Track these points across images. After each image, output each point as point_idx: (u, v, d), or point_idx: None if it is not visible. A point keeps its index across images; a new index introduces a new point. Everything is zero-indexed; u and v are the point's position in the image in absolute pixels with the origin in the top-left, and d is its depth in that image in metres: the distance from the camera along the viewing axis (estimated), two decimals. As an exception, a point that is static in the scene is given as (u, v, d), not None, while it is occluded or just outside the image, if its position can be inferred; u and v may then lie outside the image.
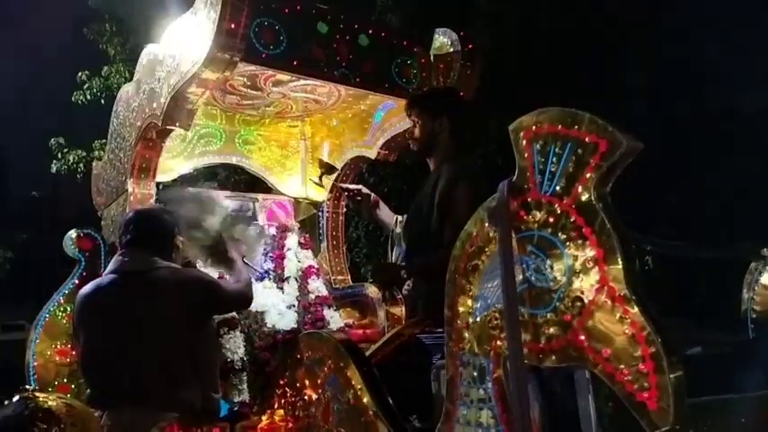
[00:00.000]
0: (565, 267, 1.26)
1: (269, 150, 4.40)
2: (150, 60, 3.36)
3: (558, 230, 1.28)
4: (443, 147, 2.81)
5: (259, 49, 2.95)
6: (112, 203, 3.72)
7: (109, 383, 2.43)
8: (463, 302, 1.49)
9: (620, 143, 1.19)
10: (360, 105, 3.87)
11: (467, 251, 1.48)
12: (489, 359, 1.42)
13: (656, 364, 1.12)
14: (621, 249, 1.18)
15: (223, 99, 3.79)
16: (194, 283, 2.62)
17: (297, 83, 3.51)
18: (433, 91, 3.15)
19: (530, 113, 1.35)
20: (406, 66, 3.41)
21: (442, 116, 2.80)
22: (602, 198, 1.23)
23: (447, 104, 2.88)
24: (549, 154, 1.29)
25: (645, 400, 1.13)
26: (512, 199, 1.35)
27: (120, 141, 3.69)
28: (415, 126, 2.89)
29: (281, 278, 3.81)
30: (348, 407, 1.88)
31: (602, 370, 1.20)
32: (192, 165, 4.14)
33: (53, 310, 3.43)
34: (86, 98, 10.62)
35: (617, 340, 1.18)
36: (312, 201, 4.32)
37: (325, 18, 3.18)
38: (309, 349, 2.13)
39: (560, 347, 1.26)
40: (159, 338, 2.43)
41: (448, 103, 2.91)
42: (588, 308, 1.22)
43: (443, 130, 2.80)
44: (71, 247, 3.51)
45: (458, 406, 1.51)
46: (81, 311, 2.61)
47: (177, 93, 3.02)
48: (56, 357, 3.36)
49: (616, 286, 1.18)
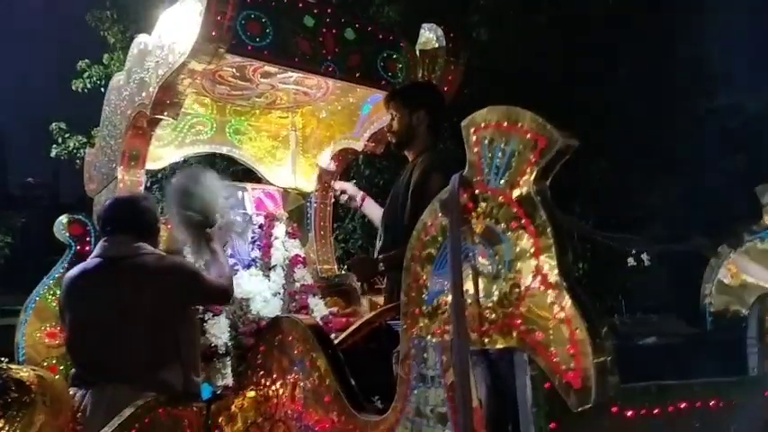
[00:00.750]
0: (506, 256, 1.34)
1: (259, 140, 4.47)
2: (140, 50, 3.43)
3: (500, 221, 1.36)
4: (421, 139, 2.88)
5: (245, 41, 3.02)
6: (103, 190, 3.80)
7: (93, 363, 2.52)
8: (417, 289, 1.57)
9: (557, 140, 1.27)
10: (348, 98, 3.94)
11: (422, 240, 1.56)
12: (439, 342, 1.51)
13: (581, 348, 1.20)
14: (555, 240, 1.26)
15: (213, 89, 3.86)
16: (178, 271, 2.70)
17: (285, 75, 3.58)
18: (411, 85, 3.21)
19: (479, 111, 1.43)
20: (392, 60, 3.48)
21: (420, 109, 2.86)
22: (540, 191, 1.31)
23: (425, 98, 2.94)
24: (495, 149, 1.37)
25: (570, 379, 1.21)
26: (462, 191, 1.42)
27: (112, 129, 3.77)
28: (393, 119, 2.96)
29: (267, 266, 3.89)
30: (312, 388, 1.96)
31: (536, 352, 1.28)
32: (183, 153, 4.22)
33: (43, 294, 3.51)
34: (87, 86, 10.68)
35: (549, 325, 1.26)
36: (301, 191, 4.40)
37: (311, 11, 3.25)
38: (281, 333, 2.21)
39: (500, 331, 1.34)
40: (142, 322, 2.52)
41: (426, 96, 2.97)
42: (524, 294, 1.30)
43: (421, 123, 2.87)
44: (62, 231, 3.58)
45: (410, 386, 1.59)
46: (67, 294, 2.70)
47: (165, 82, 3.09)
48: (45, 339, 3.44)
49: (549, 274, 1.26)
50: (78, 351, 2.62)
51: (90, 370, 2.53)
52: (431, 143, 2.88)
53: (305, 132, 4.42)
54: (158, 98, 3.16)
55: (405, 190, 2.77)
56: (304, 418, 1.96)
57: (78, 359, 2.63)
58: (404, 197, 2.75)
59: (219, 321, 3.36)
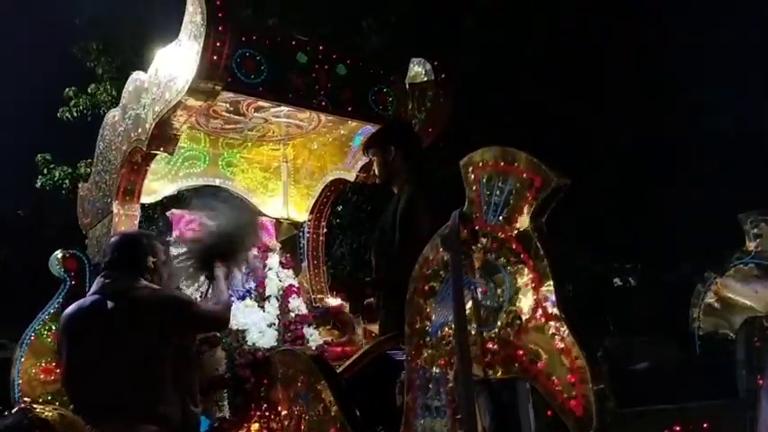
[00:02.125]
0: (506, 289, 1.41)
1: (251, 172, 4.53)
2: (136, 87, 3.50)
3: (500, 256, 1.43)
4: (399, 173, 3.00)
5: (241, 79, 3.11)
6: (97, 224, 3.83)
7: (90, 399, 2.53)
8: (421, 321, 1.63)
9: (551, 180, 1.35)
10: (339, 130, 4.03)
11: (424, 274, 1.63)
12: (443, 373, 1.56)
13: (581, 376, 1.26)
14: (553, 274, 1.33)
15: (207, 123, 3.93)
16: (171, 302, 2.72)
17: (278, 109, 3.66)
18: (378, 129, 3.33)
19: (477, 151, 1.51)
20: (383, 94, 3.58)
21: (389, 146, 2.99)
22: (537, 228, 1.38)
23: (392, 135, 3.08)
24: (494, 188, 1.45)
25: (572, 407, 1.27)
26: (462, 227, 1.50)
27: (106, 164, 3.81)
28: (373, 164, 3.09)
29: (262, 297, 3.92)
30: (318, 419, 2.00)
31: (538, 381, 1.34)
32: (176, 187, 4.26)
33: (38, 329, 3.52)
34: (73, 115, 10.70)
35: (549, 354, 1.32)
36: (293, 221, 4.46)
37: (304, 49, 3.35)
38: (284, 366, 2.25)
39: (503, 361, 1.41)
40: (139, 355, 2.53)
41: (393, 133, 3.11)
42: (525, 325, 1.37)
43: (395, 158, 3.00)
44: (57, 267, 3.61)
45: (416, 415, 1.64)
46: (64, 331, 2.71)
47: (162, 119, 3.16)
48: (40, 375, 3.45)
49: (548, 306, 1.33)
50: (76, 388, 2.62)
51: (89, 408, 2.54)
52: (410, 173, 2.99)
53: (296, 164, 4.49)
54: (155, 134, 3.22)
55: (392, 220, 2.86)
56: (309, 450, 2.00)
57: (77, 397, 2.63)
58: (391, 227, 2.84)
59: (216, 353, 3.38)
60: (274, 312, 3.88)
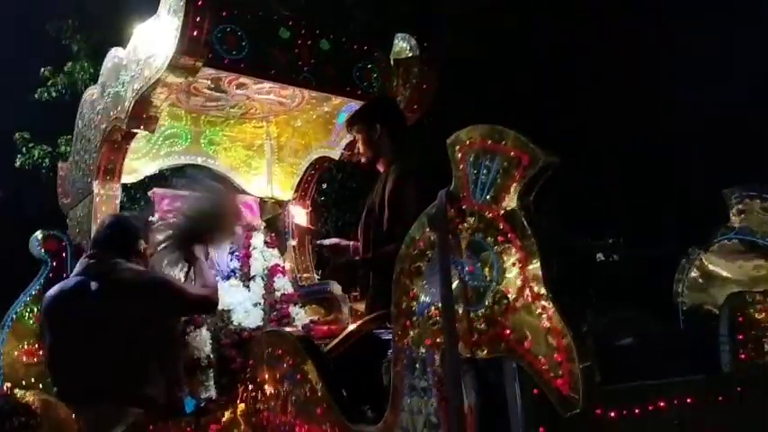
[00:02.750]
0: (493, 269, 1.40)
1: (234, 150, 4.47)
2: (115, 64, 3.42)
3: (487, 235, 1.42)
4: (386, 151, 2.96)
5: (221, 55, 3.05)
6: (78, 204, 3.77)
7: (74, 382, 2.51)
8: (407, 301, 1.62)
9: (539, 158, 1.33)
10: (323, 107, 3.97)
11: (410, 254, 1.61)
12: (430, 352, 1.56)
13: (567, 354, 1.26)
14: (540, 252, 1.32)
15: (187, 101, 3.86)
16: (156, 285, 2.70)
17: (260, 85, 3.60)
18: (363, 106, 3.28)
19: (464, 129, 1.49)
20: (367, 70, 3.53)
21: (375, 124, 2.95)
22: (524, 206, 1.37)
23: (378, 113, 3.03)
24: (481, 166, 1.43)
25: (559, 386, 1.27)
26: (449, 207, 1.48)
27: (86, 143, 3.74)
28: (357, 141, 3.04)
29: (247, 277, 3.90)
30: (305, 399, 2.00)
31: (524, 360, 1.34)
32: (158, 165, 4.20)
33: (20, 311, 3.47)
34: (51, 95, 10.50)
35: (536, 333, 1.32)
36: (278, 200, 4.42)
37: (286, 24, 3.28)
38: (269, 346, 2.24)
39: (490, 340, 1.40)
40: (122, 337, 2.51)
41: (378, 111, 3.06)
42: (512, 305, 1.36)
43: (381, 136, 2.95)
44: (37, 248, 3.55)
45: (403, 395, 1.64)
46: (47, 313, 2.68)
47: (141, 97, 3.09)
48: (23, 358, 3.40)
49: (535, 285, 1.32)
50: (60, 371, 2.60)
51: (73, 390, 2.52)
52: (397, 152, 2.95)
53: (280, 141, 4.43)
54: (134, 112, 3.16)
55: (380, 200, 2.83)
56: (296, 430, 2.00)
57: (60, 379, 2.61)
58: (379, 206, 2.81)
59: (201, 334, 3.36)
60: (259, 292, 3.86)
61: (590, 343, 1.30)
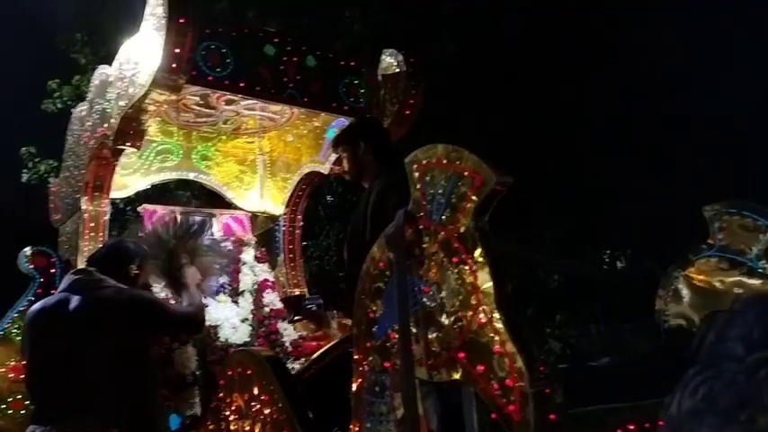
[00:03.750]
0: (448, 291, 1.38)
1: (227, 166, 4.48)
2: (102, 81, 3.44)
3: (443, 256, 1.39)
4: (370, 168, 2.96)
5: (206, 72, 3.05)
6: (68, 221, 3.77)
7: (53, 399, 2.48)
8: (367, 323, 1.60)
9: (491, 178, 1.31)
10: (313, 122, 3.97)
11: (371, 273, 1.59)
12: (388, 375, 1.53)
13: (518, 380, 1.23)
14: (493, 275, 1.30)
15: (177, 117, 3.87)
16: (136, 303, 2.68)
17: (249, 101, 3.61)
18: (347, 125, 3.29)
19: (421, 148, 1.47)
20: (354, 85, 3.53)
21: (359, 142, 2.96)
22: (479, 227, 1.34)
23: (361, 131, 3.03)
24: (437, 186, 1.41)
25: (510, 412, 1.24)
26: (407, 226, 1.46)
27: (75, 159, 3.76)
28: (343, 160, 3.05)
29: (236, 292, 3.89)
30: (271, 420, 1.97)
31: (478, 385, 1.31)
32: (149, 181, 4.21)
33: (7, 328, 3.47)
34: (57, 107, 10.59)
35: (489, 357, 1.29)
36: (269, 215, 4.41)
37: (271, 40, 3.29)
38: (240, 366, 2.22)
39: (446, 365, 1.37)
40: (100, 355, 2.49)
41: (361, 130, 3.06)
42: (467, 327, 1.33)
43: (365, 153, 2.96)
44: (25, 263, 3.55)
45: (363, 418, 1.61)
46: (28, 329, 2.67)
47: (127, 114, 3.10)
48: (9, 374, 3.40)
49: (488, 307, 1.29)
50: (38, 387, 2.58)
51: (50, 406, 2.50)
52: (381, 168, 2.95)
53: (272, 156, 4.44)
54: (120, 129, 3.17)
55: (363, 214, 2.81)
56: (263, 452, 1.97)
57: (38, 395, 2.59)
58: (363, 221, 2.79)
59: (187, 350, 3.35)
60: (248, 307, 3.84)
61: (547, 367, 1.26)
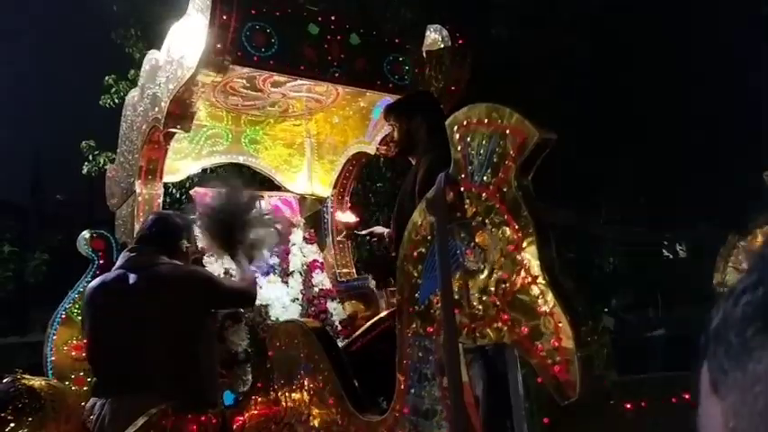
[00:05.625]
0: (491, 252, 1.34)
1: (275, 149, 4.52)
2: (152, 66, 3.51)
3: (485, 218, 1.36)
4: (422, 143, 2.91)
5: (251, 52, 3.07)
6: (123, 204, 3.89)
7: (112, 373, 2.58)
8: (410, 289, 1.58)
9: (534, 135, 1.27)
10: (359, 102, 3.96)
11: (413, 239, 1.57)
12: (431, 340, 1.51)
13: (564, 340, 1.19)
14: (537, 234, 1.26)
15: (226, 101, 3.92)
16: (192, 279, 2.75)
17: (294, 83, 3.62)
18: (405, 96, 3.25)
19: (462, 109, 1.44)
20: (398, 63, 3.49)
21: (417, 115, 2.91)
22: (522, 186, 1.30)
23: (419, 105, 3.00)
24: (477, 146, 1.37)
25: (556, 372, 1.20)
26: (448, 190, 1.43)
27: (129, 144, 3.86)
28: (393, 130, 3.01)
29: (285, 272, 3.94)
30: (318, 390, 1.98)
31: (523, 346, 1.27)
32: (200, 165, 4.29)
33: (69, 307, 3.61)
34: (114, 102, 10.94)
35: (533, 318, 1.25)
36: (317, 197, 4.44)
37: (315, 20, 3.29)
38: (287, 336, 2.24)
39: (489, 327, 1.35)
40: (159, 330, 2.57)
41: (420, 103, 3.02)
42: (510, 288, 1.30)
43: (419, 127, 2.91)
44: (84, 247, 3.68)
45: (408, 384, 1.60)
46: (87, 304, 2.77)
47: (176, 97, 3.16)
48: (72, 352, 3.53)
49: (532, 268, 1.26)
50: (97, 361, 2.69)
51: (109, 380, 2.60)
52: (432, 144, 2.90)
53: (319, 138, 4.46)
54: (170, 112, 3.23)
55: (411, 190, 2.78)
56: (310, 420, 1.98)
57: (98, 369, 2.70)
58: (410, 197, 2.76)
59: (239, 328, 3.42)
60: (298, 287, 3.89)
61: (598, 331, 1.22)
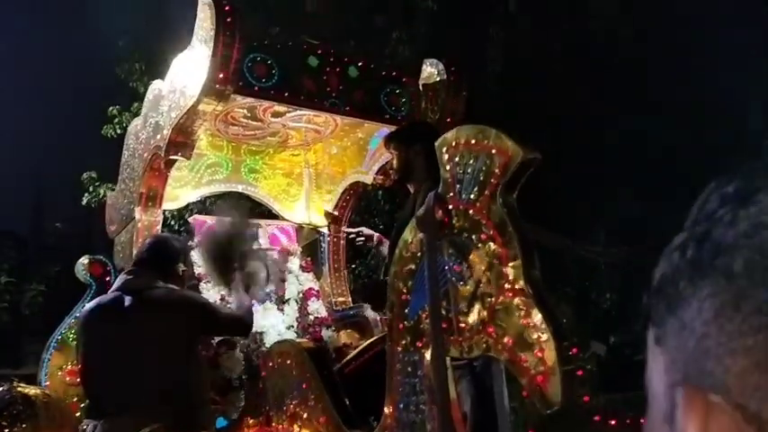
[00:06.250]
0: (477, 267, 1.39)
1: (274, 178, 4.59)
2: (155, 95, 3.61)
3: (472, 234, 1.41)
4: (420, 171, 2.99)
5: (252, 82, 3.17)
6: (122, 230, 3.94)
7: (104, 394, 2.60)
8: (399, 305, 1.62)
9: (518, 154, 1.33)
10: (357, 133, 4.05)
11: (403, 257, 1.62)
12: (420, 355, 1.55)
13: (547, 351, 1.23)
14: (521, 249, 1.31)
15: (226, 130, 4.01)
16: (187, 303, 2.78)
17: (294, 113, 3.71)
18: (406, 125, 3.35)
19: (450, 131, 1.50)
20: (395, 95, 3.59)
21: (415, 144, 2.99)
22: (506, 203, 1.36)
23: (418, 134, 3.08)
24: (465, 166, 1.43)
25: (539, 382, 1.23)
26: (437, 208, 1.48)
27: (130, 172, 3.93)
28: (393, 158, 3.10)
29: (281, 300, 3.97)
30: (309, 408, 2.00)
31: (508, 358, 1.31)
32: (200, 193, 4.36)
33: (65, 333, 3.63)
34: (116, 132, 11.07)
35: (518, 330, 1.29)
36: (315, 226, 4.50)
37: (315, 52, 3.40)
38: (280, 356, 2.26)
39: (476, 339, 1.38)
40: (152, 353, 2.59)
41: (419, 132, 3.11)
42: (495, 302, 1.34)
43: (418, 155, 2.99)
44: (82, 272, 3.72)
45: (398, 401, 1.62)
46: (82, 327, 2.80)
47: (178, 125, 3.24)
48: (66, 377, 3.54)
49: (516, 282, 1.30)
50: (91, 383, 2.70)
51: (101, 401, 2.61)
52: (430, 173, 2.97)
53: (318, 168, 4.53)
54: (172, 140, 3.30)
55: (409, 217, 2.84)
56: (301, 439, 2.00)
57: (90, 390, 2.71)
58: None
59: (234, 355, 3.43)
60: (293, 315, 3.91)
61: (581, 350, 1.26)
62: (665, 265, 0.43)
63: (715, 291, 0.37)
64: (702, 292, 0.37)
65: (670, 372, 0.40)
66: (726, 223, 0.38)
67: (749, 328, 0.35)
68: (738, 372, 0.35)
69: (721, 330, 0.36)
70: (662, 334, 0.41)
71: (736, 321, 0.35)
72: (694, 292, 0.38)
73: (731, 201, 0.39)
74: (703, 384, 0.36)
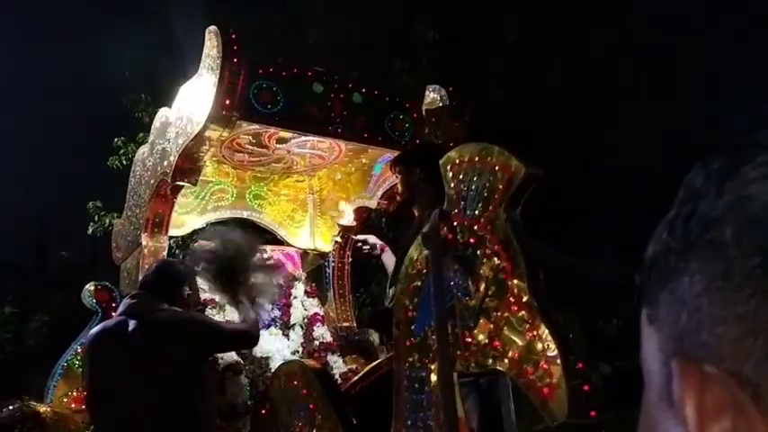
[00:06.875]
0: (483, 281, 1.41)
1: (279, 205, 4.63)
2: (162, 123, 3.67)
3: (477, 249, 1.43)
4: (422, 195, 3.01)
5: (257, 109, 3.22)
6: (129, 257, 3.97)
7: (109, 420, 2.59)
8: (406, 322, 1.63)
9: (521, 170, 1.36)
10: (361, 159, 4.09)
11: (409, 274, 1.63)
12: (427, 371, 1.55)
13: (553, 362, 1.24)
14: (526, 263, 1.32)
15: (232, 157, 4.06)
16: (190, 325, 2.79)
17: (299, 140, 3.76)
18: (410, 148, 3.38)
19: (455, 149, 1.53)
20: (399, 120, 3.64)
21: (415, 168, 3.01)
22: (510, 218, 1.38)
23: (419, 157, 3.09)
24: (469, 183, 1.46)
25: (546, 395, 1.24)
26: (442, 224, 1.51)
27: (137, 198, 3.97)
28: (398, 182, 3.13)
29: (286, 326, 3.97)
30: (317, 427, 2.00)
31: (514, 371, 1.32)
32: (205, 220, 4.39)
33: (71, 359, 3.63)
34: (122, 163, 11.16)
35: (523, 344, 1.30)
36: (319, 251, 4.51)
37: (320, 79, 3.45)
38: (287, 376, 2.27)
39: (482, 354, 1.39)
40: (156, 376, 2.59)
41: (419, 155, 3.13)
42: (501, 316, 1.35)
43: (419, 180, 3.01)
44: (89, 298, 3.73)
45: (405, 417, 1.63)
46: (87, 350, 2.81)
47: (185, 151, 3.29)
48: (72, 404, 3.53)
49: (522, 295, 1.32)
50: (95, 407, 2.70)
51: (108, 427, 2.60)
52: (434, 197, 2.99)
53: (322, 194, 4.57)
54: (178, 166, 3.35)
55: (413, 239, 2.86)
56: (308, 460, 1.99)
57: (96, 416, 2.70)
58: None
59: (239, 380, 3.42)
60: (299, 340, 3.91)
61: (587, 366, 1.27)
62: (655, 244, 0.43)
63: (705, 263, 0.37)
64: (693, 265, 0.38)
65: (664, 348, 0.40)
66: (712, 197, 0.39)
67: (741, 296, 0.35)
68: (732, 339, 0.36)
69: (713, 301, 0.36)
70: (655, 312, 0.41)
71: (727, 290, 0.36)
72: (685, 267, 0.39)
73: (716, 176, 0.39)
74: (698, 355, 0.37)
